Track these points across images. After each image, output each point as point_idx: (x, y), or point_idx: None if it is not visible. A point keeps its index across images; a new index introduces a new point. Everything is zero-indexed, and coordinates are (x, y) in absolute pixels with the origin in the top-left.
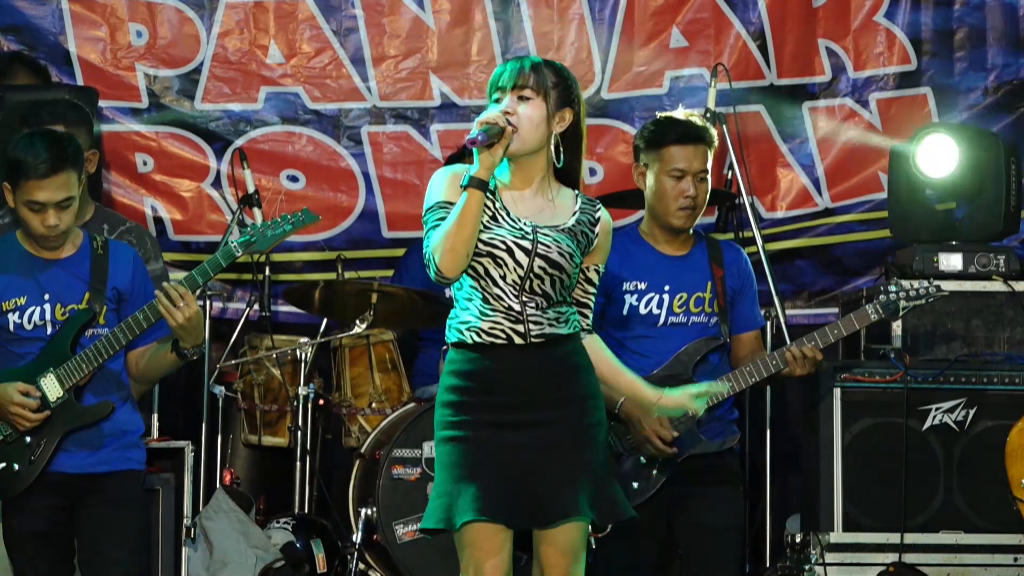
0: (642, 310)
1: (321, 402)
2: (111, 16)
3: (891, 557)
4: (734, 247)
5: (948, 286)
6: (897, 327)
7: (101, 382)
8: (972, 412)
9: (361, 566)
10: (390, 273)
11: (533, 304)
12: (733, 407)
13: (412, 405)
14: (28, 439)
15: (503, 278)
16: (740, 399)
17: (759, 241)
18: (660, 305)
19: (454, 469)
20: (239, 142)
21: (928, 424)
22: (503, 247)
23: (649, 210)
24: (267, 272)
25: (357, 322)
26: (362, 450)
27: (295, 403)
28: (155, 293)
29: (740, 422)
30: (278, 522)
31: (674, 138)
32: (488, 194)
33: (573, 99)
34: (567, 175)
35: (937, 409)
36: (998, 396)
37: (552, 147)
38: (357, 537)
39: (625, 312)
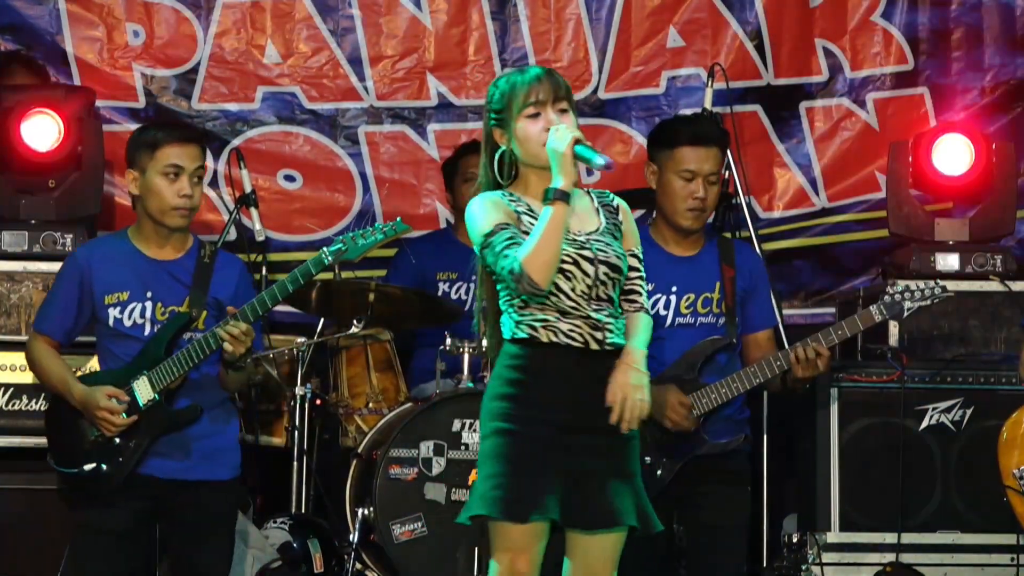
0: (649, 311)
1: (318, 402)
2: (108, 16)
3: (888, 557)
4: (746, 246)
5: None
6: (894, 327)
7: (197, 387)
8: (969, 412)
9: (358, 566)
10: (385, 272)
11: (605, 311)
12: (744, 406)
13: (409, 405)
14: (117, 440)
15: (572, 290)
16: (748, 399)
17: (756, 241)
18: (667, 306)
19: (513, 462)
20: (236, 142)
21: (925, 424)
22: (569, 260)
23: (659, 211)
24: (264, 272)
25: (354, 322)
26: (359, 450)
27: (292, 403)
28: (218, 332)
29: (750, 422)
30: (275, 522)
31: (686, 139)
32: (527, 211)
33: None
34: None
35: (934, 409)
36: (995, 396)
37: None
38: (354, 537)
39: None
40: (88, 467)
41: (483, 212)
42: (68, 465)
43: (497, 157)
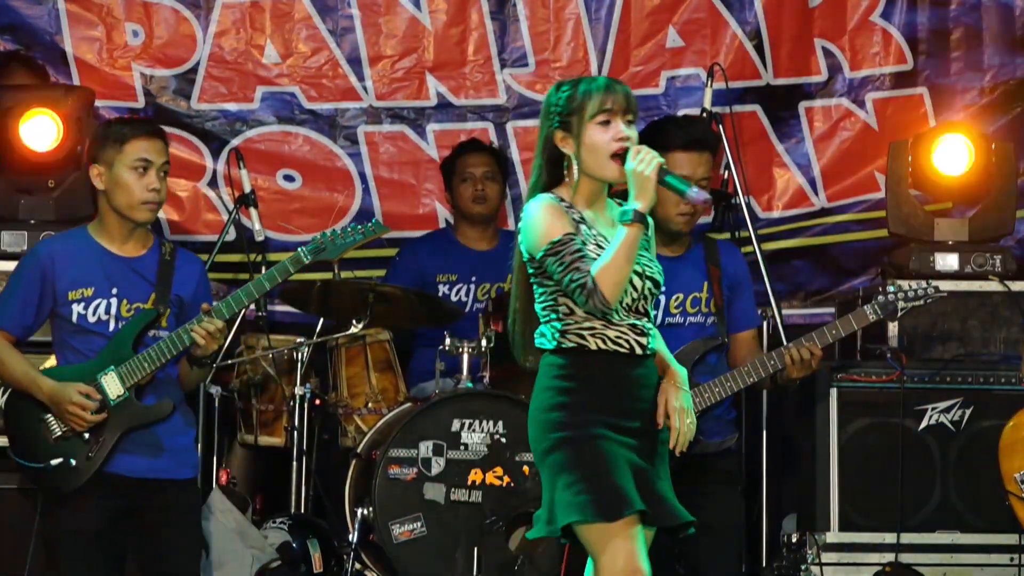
0: None
1: (317, 402)
2: (107, 16)
3: (887, 557)
4: (730, 247)
5: (944, 286)
6: (893, 327)
7: (161, 385)
8: (968, 412)
9: (357, 566)
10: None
11: (646, 318)
12: (732, 407)
13: (408, 405)
14: (86, 436)
15: (621, 302)
16: (737, 399)
17: (755, 241)
18: (656, 306)
19: (591, 465)
20: (235, 142)
21: (924, 424)
22: None
23: (650, 213)
24: (263, 272)
25: (354, 322)
26: (358, 450)
27: (291, 403)
28: (192, 329)
29: (737, 422)
30: (274, 522)
31: (679, 144)
32: (580, 220)
33: None
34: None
35: (933, 409)
36: (994, 396)
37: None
38: (353, 537)
39: None
40: (55, 462)
41: (548, 218)
42: (32, 459)
43: (551, 161)
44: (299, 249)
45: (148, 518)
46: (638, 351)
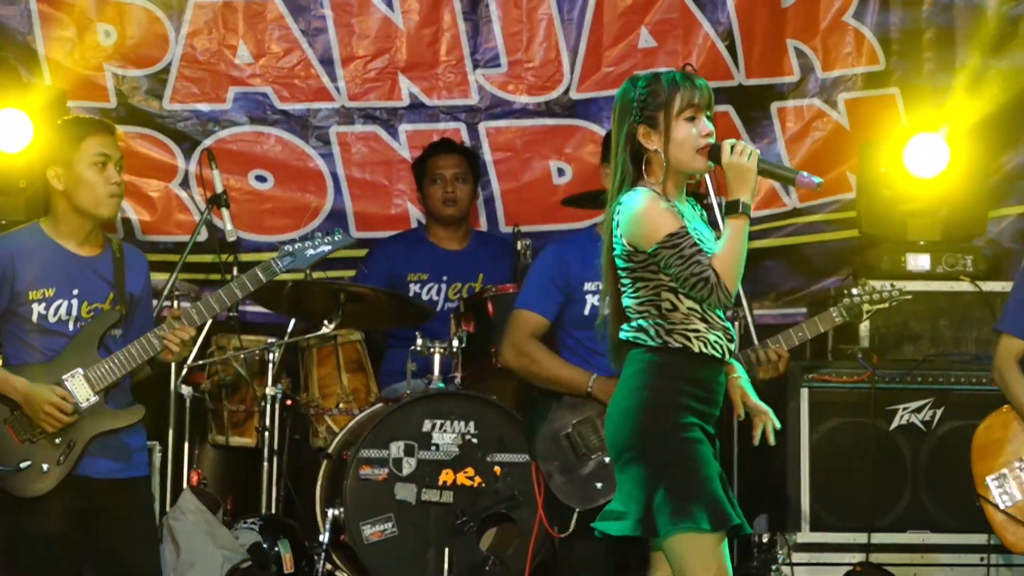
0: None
1: (289, 402)
2: (79, 16)
3: (858, 557)
4: None
5: (915, 286)
6: (865, 327)
7: (121, 388)
8: (939, 412)
9: (328, 566)
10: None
11: (733, 321)
12: None
13: (380, 405)
14: (57, 440)
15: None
16: None
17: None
18: None
19: (705, 468)
20: (207, 142)
21: (895, 424)
22: None
23: None
24: (235, 272)
25: (325, 322)
26: (329, 450)
27: (262, 403)
28: (165, 336)
29: None
30: (245, 522)
31: None
32: (682, 216)
33: None
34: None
35: (904, 409)
36: (965, 396)
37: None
38: (324, 537)
39: (587, 312)
40: (24, 465)
41: (659, 211)
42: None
43: (633, 156)
44: (271, 260)
45: (113, 518)
46: (726, 356)
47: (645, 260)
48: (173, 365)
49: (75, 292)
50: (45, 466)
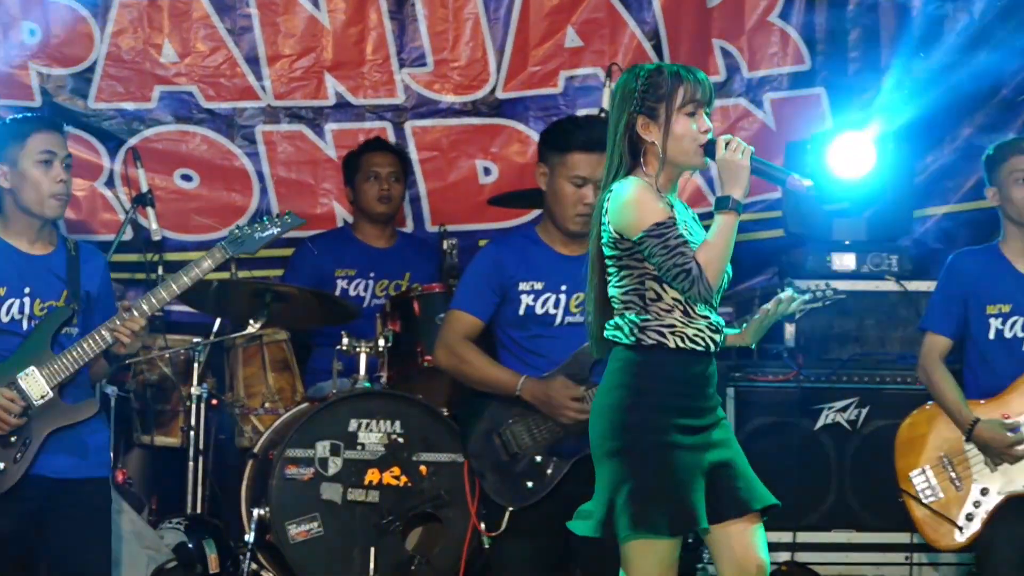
0: (539, 310)
1: (214, 402)
2: (3, 14)
3: (784, 556)
4: None
5: (841, 286)
6: (791, 327)
7: (76, 383)
8: (864, 412)
9: (253, 566)
10: (283, 272)
11: (717, 313)
12: None
13: (305, 405)
14: (12, 438)
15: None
16: None
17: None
18: (556, 305)
19: (679, 473)
20: (132, 141)
21: (821, 423)
22: None
23: (547, 212)
24: (160, 271)
25: (251, 322)
26: (255, 450)
27: (188, 403)
28: (116, 327)
29: None
30: (170, 522)
31: (579, 144)
32: (671, 208)
33: None
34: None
35: (830, 409)
36: (890, 396)
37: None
38: (250, 537)
39: (522, 312)
40: None
41: (648, 199)
42: None
43: (630, 147)
44: (219, 244)
45: (65, 517)
46: (712, 348)
47: (631, 248)
48: None
49: (27, 291)
50: (2, 464)
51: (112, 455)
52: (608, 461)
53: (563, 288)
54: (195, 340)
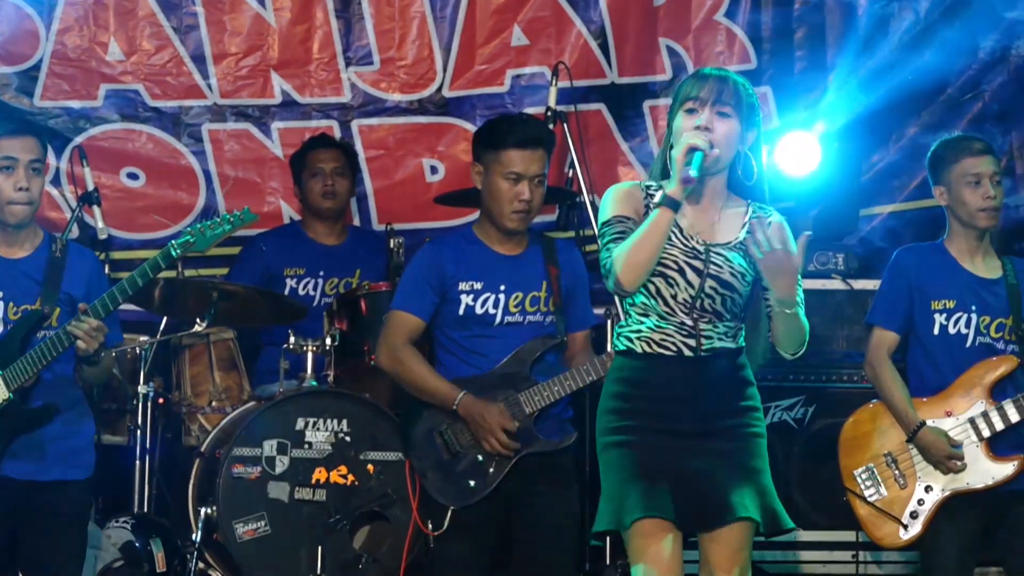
0: (478, 310)
1: (161, 401)
2: None
3: None
4: (569, 246)
5: None
6: None
7: (52, 387)
8: (811, 410)
9: (201, 565)
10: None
11: (705, 319)
12: (568, 406)
13: (252, 404)
14: None
15: (674, 297)
16: (577, 398)
17: (600, 240)
18: (496, 305)
19: (622, 472)
20: (78, 140)
21: (767, 422)
22: (675, 267)
23: (484, 210)
24: (106, 270)
25: (197, 320)
26: (202, 449)
27: (134, 402)
28: (70, 329)
29: (575, 421)
30: (117, 521)
31: (513, 141)
32: (648, 211)
33: (757, 121)
34: (752, 191)
35: (776, 407)
36: (837, 394)
37: (740, 165)
38: (197, 536)
39: (461, 312)
40: None
41: (610, 201)
42: None
43: (668, 149)
44: (169, 243)
45: (33, 519)
46: (687, 352)
47: None
48: None
49: (0, 295)
50: None
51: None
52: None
53: (502, 288)
54: (142, 339)
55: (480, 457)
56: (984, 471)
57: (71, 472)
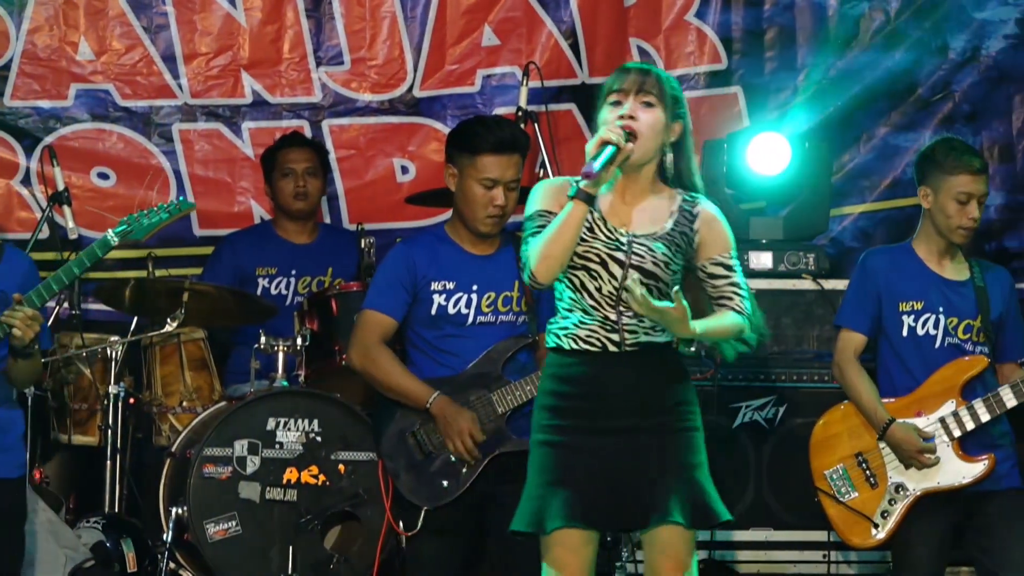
0: (451, 310)
1: (132, 401)
2: None
3: (702, 554)
4: None
5: (758, 285)
6: None
7: None
8: (782, 410)
9: (172, 565)
10: (200, 271)
11: (631, 313)
12: None
13: (223, 404)
14: None
15: (599, 290)
16: None
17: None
18: (468, 305)
19: (545, 473)
20: (49, 139)
21: (738, 422)
22: (597, 260)
23: (456, 211)
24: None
25: (168, 320)
26: (173, 449)
27: (105, 402)
28: (3, 319)
29: None
30: (88, 521)
31: (488, 147)
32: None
33: (682, 112)
34: (680, 182)
35: (747, 407)
36: (807, 394)
37: (666, 157)
38: (168, 536)
39: (434, 312)
40: None
41: (535, 196)
42: None
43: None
44: (107, 232)
45: None
46: (611, 348)
47: None
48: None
49: None
50: None
51: (28, 455)
52: None
53: (474, 288)
54: (112, 339)
55: (453, 458)
56: (955, 471)
57: (2, 471)
